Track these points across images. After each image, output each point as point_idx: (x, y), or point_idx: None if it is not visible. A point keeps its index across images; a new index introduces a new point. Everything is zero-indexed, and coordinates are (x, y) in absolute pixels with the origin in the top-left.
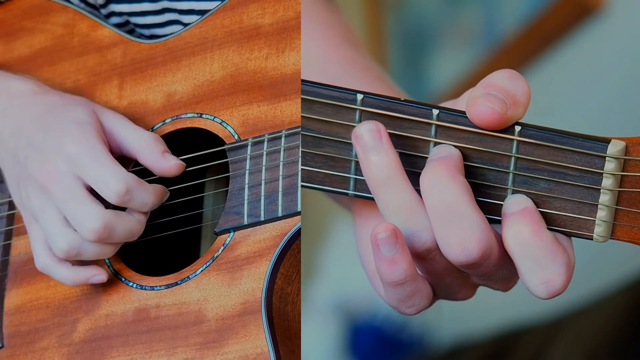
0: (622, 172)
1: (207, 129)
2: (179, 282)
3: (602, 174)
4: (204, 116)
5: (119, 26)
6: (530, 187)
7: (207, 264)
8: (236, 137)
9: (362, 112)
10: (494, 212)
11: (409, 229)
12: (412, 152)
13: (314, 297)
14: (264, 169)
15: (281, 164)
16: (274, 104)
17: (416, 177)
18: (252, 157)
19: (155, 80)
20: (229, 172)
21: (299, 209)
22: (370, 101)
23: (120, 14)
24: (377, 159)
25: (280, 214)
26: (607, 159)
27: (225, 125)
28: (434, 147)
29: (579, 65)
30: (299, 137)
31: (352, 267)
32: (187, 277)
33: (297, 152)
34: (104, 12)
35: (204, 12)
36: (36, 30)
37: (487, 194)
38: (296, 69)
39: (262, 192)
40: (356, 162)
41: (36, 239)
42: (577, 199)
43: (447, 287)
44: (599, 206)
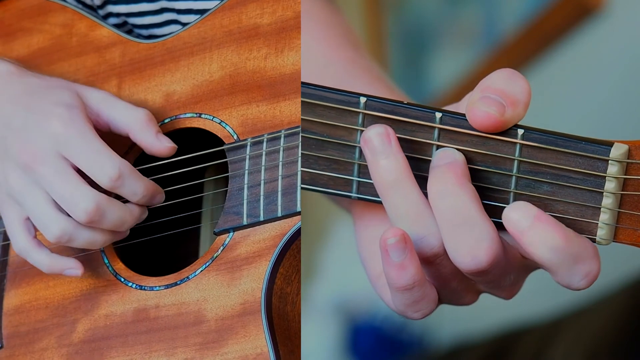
0: (625, 175)
1: (206, 129)
2: (178, 282)
3: (605, 177)
4: (202, 116)
5: (116, 27)
6: (533, 190)
7: (207, 264)
8: (235, 137)
9: (365, 116)
10: (497, 215)
11: (417, 233)
12: (416, 155)
13: (314, 297)
14: (263, 169)
15: (280, 164)
16: (273, 104)
17: (420, 180)
18: (251, 157)
19: (154, 80)
20: (228, 172)
21: (299, 209)
22: (373, 104)
23: (117, 15)
24: (386, 163)
25: (279, 214)
26: (609, 162)
27: (224, 125)
28: (437, 150)
29: (579, 65)
30: (298, 137)
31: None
32: (187, 277)
33: (296, 152)
34: (101, 13)
35: (202, 11)
36: (34, 30)
37: (490, 197)
38: (295, 69)
39: (262, 192)
40: (359, 164)
41: (13, 221)
42: (580, 202)
43: (452, 291)
44: (602, 209)
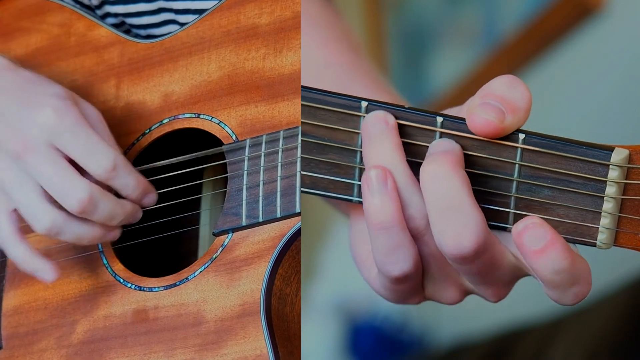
0: (626, 180)
1: (205, 130)
2: (177, 283)
3: (606, 181)
4: (201, 116)
5: (114, 27)
6: (534, 194)
7: (206, 265)
8: (234, 137)
9: None
10: (498, 220)
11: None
12: (417, 160)
13: (314, 297)
14: (262, 170)
15: (279, 165)
16: (271, 104)
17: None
18: (250, 158)
19: (152, 80)
20: (227, 173)
21: (298, 210)
22: (374, 109)
23: (115, 15)
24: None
25: (278, 215)
26: (610, 167)
27: (222, 125)
28: (435, 140)
29: (579, 65)
30: (297, 138)
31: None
32: (186, 278)
33: (295, 153)
34: (99, 13)
35: (200, 11)
36: (32, 30)
37: (491, 201)
38: (294, 69)
39: (261, 193)
40: (360, 168)
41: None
42: (581, 206)
43: (434, 280)
44: (603, 214)
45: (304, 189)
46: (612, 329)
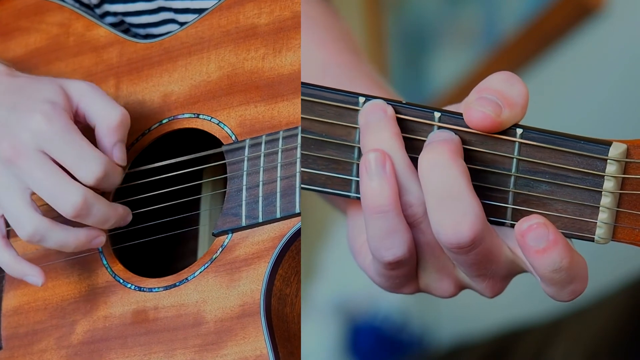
0: (624, 174)
1: (204, 130)
2: (177, 283)
3: (604, 176)
4: (200, 117)
5: (113, 26)
6: (531, 189)
7: (206, 266)
8: (233, 137)
9: None
10: (496, 215)
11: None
12: (414, 155)
13: (314, 297)
14: (261, 170)
15: (279, 165)
16: (271, 104)
17: None
18: (249, 159)
19: (151, 80)
20: (226, 174)
21: (297, 211)
22: None
23: (114, 14)
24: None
25: (278, 216)
26: (608, 161)
27: (222, 125)
28: (433, 131)
29: (579, 65)
30: (296, 138)
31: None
32: (186, 278)
33: (294, 153)
34: (98, 12)
35: (199, 10)
36: (31, 29)
37: (489, 196)
38: (293, 69)
39: (260, 194)
40: (358, 164)
41: None
42: (579, 201)
43: (429, 270)
44: (601, 208)
45: (302, 185)
46: (612, 329)
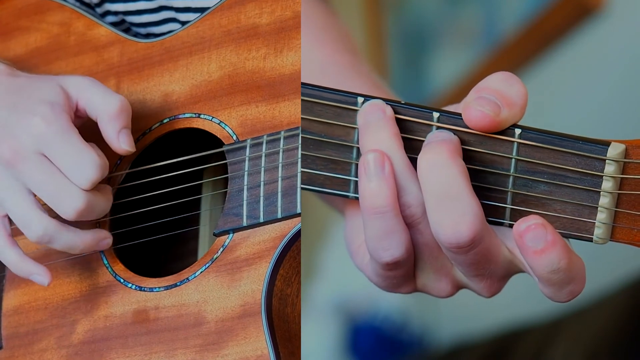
0: (622, 174)
1: (205, 130)
2: (178, 283)
3: (602, 176)
4: (201, 116)
5: (114, 25)
6: (530, 189)
7: (207, 266)
8: (234, 137)
9: None
10: (495, 215)
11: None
12: (413, 155)
13: (314, 297)
14: (262, 170)
15: (280, 166)
16: (272, 104)
17: None
18: (250, 159)
19: (152, 80)
20: (227, 174)
21: (299, 211)
22: None
23: (115, 13)
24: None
25: (279, 216)
26: (607, 161)
27: (223, 125)
28: (432, 131)
29: (579, 65)
30: (297, 138)
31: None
32: (187, 278)
33: (296, 153)
34: (99, 11)
35: (200, 9)
36: (32, 29)
37: (487, 197)
38: (294, 69)
39: (261, 194)
40: (357, 164)
41: None
42: (577, 201)
43: (426, 271)
44: (599, 208)
45: (300, 186)
46: (612, 329)
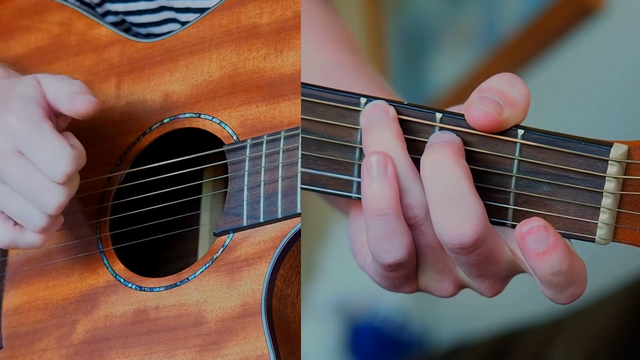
0: (624, 175)
1: (206, 130)
2: (178, 283)
3: (605, 177)
4: (202, 116)
5: (115, 25)
6: (533, 190)
7: (207, 266)
8: (235, 137)
9: None
10: (497, 216)
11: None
12: (415, 156)
13: (314, 297)
14: (263, 170)
15: (280, 166)
16: (272, 104)
17: None
18: (251, 159)
19: (153, 80)
20: (227, 173)
21: (299, 211)
22: None
23: (116, 13)
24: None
25: (279, 216)
26: (609, 162)
27: (223, 125)
28: (435, 133)
29: (579, 65)
30: (298, 138)
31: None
32: (187, 278)
33: (296, 153)
34: (99, 10)
35: (200, 10)
36: (32, 29)
37: (490, 197)
38: (295, 69)
39: (262, 194)
40: (359, 165)
41: None
42: (580, 202)
43: (429, 271)
44: (601, 209)
45: (303, 186)
46: (612, 329)
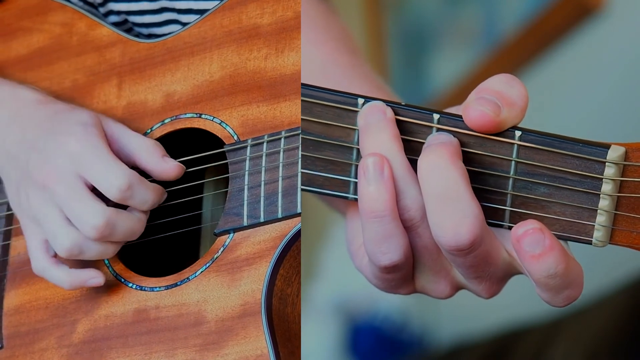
0: (622, 177)
1: (207, 130)
2: (178, 283)
3: (602, 179)
4: (203, 116)
5: (117, 25)
6: (530, 191)
7: (207, 265)
8: (235, 137)
9: None
10: (494, 217)
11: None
12: (413, 157)
13: (314, 297)
14: (263, 170)
15: (281, 165)
16: (273, 104)
17: None
18: (251, 159)
19: (154, 80)
20: (228, 173)
21: (299, 211)
22: None
23: (118, 13)
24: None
25: (280, 216)
26: (606, 164)
27: (224, 125)
28: (432, 134)
29: (579, 65)
30: (298, 138)
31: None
32: (187, 278)
33: (296, 153)
34: (102, 10)
35: (202, 11)
36: (34, 29)
37: (487, 199)
38: (295, 69)
39: (262, 194)
40: (356, 166)
41: (33, 241)
42: (577, 203)
43: (426, 272)
44: (599, 211)
45: (301, 187)
46: (612, 329)
